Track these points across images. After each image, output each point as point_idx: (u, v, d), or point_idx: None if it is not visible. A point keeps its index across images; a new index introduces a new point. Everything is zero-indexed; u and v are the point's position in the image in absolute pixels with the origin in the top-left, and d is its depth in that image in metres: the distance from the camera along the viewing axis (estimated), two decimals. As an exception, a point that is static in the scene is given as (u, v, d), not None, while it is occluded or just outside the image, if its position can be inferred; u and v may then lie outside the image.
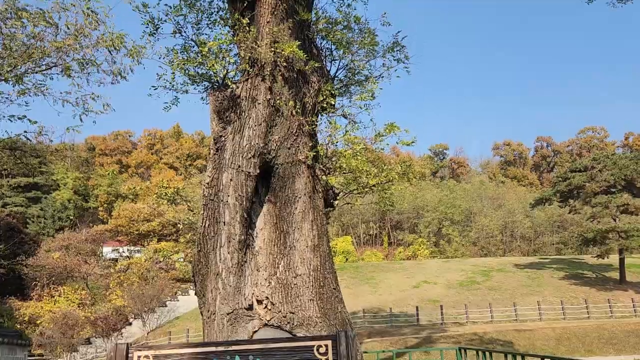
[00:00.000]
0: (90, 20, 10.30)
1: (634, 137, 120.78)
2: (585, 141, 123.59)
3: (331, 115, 9.94)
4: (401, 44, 10.49)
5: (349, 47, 9.98)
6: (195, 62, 8.62)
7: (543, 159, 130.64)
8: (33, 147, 22.07)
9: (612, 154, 50.99)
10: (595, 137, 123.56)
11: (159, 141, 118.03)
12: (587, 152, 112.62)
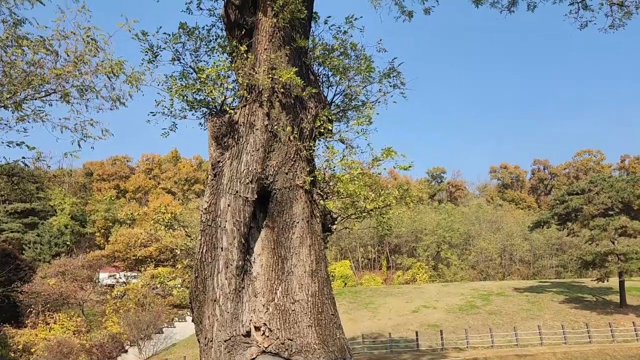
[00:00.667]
0: (90, 47, 10.42)
1: (630, 160, 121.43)
2: (581, 164, 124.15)
3: (328, 140, 10.00)
4: (397, 70, 10.63)
5: (346, 73, 10.10)
6: (193, 89, 8.71)
7: (540, 182, 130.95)
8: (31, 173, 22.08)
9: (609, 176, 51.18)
10: (591, 160, 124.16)
11: (156, 166, 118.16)
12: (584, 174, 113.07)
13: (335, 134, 10.06)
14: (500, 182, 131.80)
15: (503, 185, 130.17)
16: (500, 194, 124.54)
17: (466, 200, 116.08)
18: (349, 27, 10.24)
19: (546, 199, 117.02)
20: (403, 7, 15.96)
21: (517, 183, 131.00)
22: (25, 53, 10.27)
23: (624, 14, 12.80)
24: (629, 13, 12.63)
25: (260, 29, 8.86)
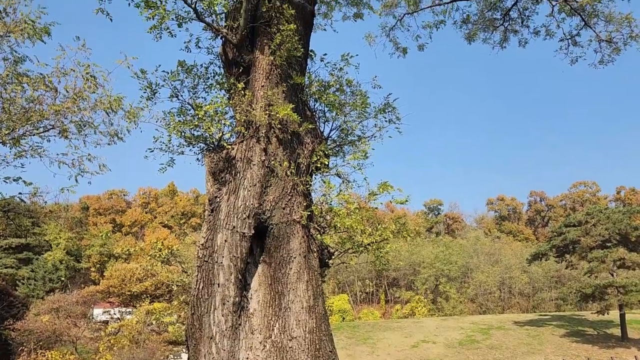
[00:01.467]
0: (90, 84, 10.57)
1: (626, 191, 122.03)
2: (577, 195, 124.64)
3: (325, 174, 10.07)
4: (392, 105, 10.77)
5: (342, 108, 10.24)
6: (191, 125, 8.80)
7: (537, 214, 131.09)
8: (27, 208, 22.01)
9: (605, 208, 51.34)
10: (587, 192, 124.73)
11: (153, 200, 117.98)
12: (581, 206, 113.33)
13: (332, 169, 10.14)
14: (497, 214, 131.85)
15: (500, 217, 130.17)
16: (498, 226, 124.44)
17: (464, 233, 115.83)
18: (345, 64, 10.43)
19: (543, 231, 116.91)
20: (397, 44, 16.35)
21: (514, 215, 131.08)
22: (24, 90, 10.40)
23: (612, 50, 13.13)
24: (618, 49, 12.95)
25: (258, 67, 9.03)
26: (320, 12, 13.53)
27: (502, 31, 16.22)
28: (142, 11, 8.15)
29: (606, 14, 13.09)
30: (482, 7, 16.10)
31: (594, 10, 13.14)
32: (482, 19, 16.26)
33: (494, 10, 15.99)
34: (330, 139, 10.56)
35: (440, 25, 15.85)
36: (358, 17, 14.75)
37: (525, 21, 15.59)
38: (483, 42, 16.72)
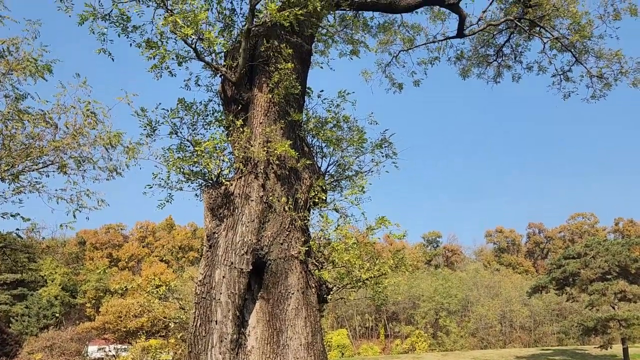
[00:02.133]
0: (90, 120, 10.68)
1: (624, 223, 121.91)
2: (576, 227, 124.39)
3: (323, 209, 10.12)
4: (389, 141, 10.93)
5: (339, 144, 10.38)
6: (190, 161, 8.90)
7: (536, 246, 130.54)
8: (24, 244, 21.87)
9: (604, 240, 51.18)
10: (585, 223, 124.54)
11: (150, 234, 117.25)
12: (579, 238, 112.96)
13: (330, 204, 10.20)
14: (496, 246, 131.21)
15: (499, 249, 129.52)
16: (497, 258, 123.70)
17: (463, 265, 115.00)
18: (342, 100, 10.62)
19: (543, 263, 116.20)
20: (393, 80, 16.66)
21: (513, 247, 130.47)
22: (25, 126, 10.50)
23: (604, 85, 13.39)
24: (609, 85, 13.21)
25: (256, 104, 9.20)
26: (318, 49, 13.83)
27: (495, 67, 16.57)
28: (143, 51, 8.34)
29: (596, 51, 13.41)
30: (475, 43, 16.48)
31: (584, 47, 13.46)
32: (475, 55, 16.63)
33: (487, 46, 16.37)
34: (328, 174, 10.66)
35: (435, 61, 16.20)
36: (354, 54, 15.06)
37: (518, 57, 15.95)
38: (477, 77, 17.05)
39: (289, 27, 8.90)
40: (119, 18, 8.73)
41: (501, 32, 15.70)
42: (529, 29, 14.12)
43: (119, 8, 8.48)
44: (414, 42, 15.91)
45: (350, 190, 10.07)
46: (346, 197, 10.14)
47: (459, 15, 12.87)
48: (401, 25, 15.81)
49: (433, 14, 15.66)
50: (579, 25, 12.76)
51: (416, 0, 11.69)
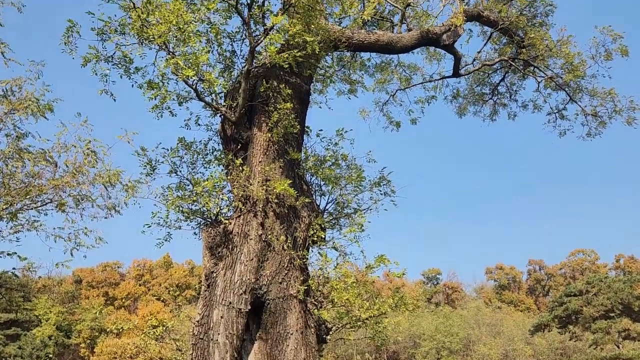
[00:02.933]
0: (90, 159, 10.74)
1: (625, 259, 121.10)
2: (576, 263, 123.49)
3: (322, 247, 10.08)
4: (387, 179, 11.00)
5: (338, 182, 10.43)
6: (189, 200, 8.92)
7: (537, 283, 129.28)
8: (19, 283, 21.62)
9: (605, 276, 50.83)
10: (586, 260, 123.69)
11: (147, 272, 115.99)
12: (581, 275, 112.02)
13: (329, 242, 10.17)
14: (497, 283, 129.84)
15: (500, 286, 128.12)
16: (498, 295, 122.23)
17: (464, 303, 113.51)
18: (340, 139, 10.75)
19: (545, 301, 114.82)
20: (390, 118, 16.88)
21: (514, 284, 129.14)
22: (25, 165, 10.55)
23: (599, 124, 13.58)
24: (604, 123, 13.40)
25: (255, 143, 9.30)
26: (316, 88, 14.06)
27: (491, 105, 16.83)
28: (145, 92, 8.49)
29: (590, 90, 13.65)
30: (471, 82, 16.79)
31: (578, 86, 13.71)
32: (471, 93, 16.91)
33: (482, 85, 16.67)
34: (327, 212, 10.68)
35: (432, 100, 16.45)
36: (352, 92, 15.32)
37: (513, 95, 16.22)
38: (473, 115, 17.29)
39: (288, 68, 9.09)
40: (122, 60, 8.92)
41: (496, 72, 16.02)
42: (523, 68, 14.41)
43: (122, 51, 8.67)
44: (410, 81, 16.21)
45: (349, 228, 10.06)
46: (345, 235, 10.13)
47: (454, 56, 13.15)
48: (398, 65, 16.14)
49: (429, 54, 16.00)
50: (572, 65, 13.03)
51: (412, 42, 11.95)
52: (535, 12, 14.01)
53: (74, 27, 8.69)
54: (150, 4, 7.96)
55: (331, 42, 10.50)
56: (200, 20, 9.30)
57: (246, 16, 9.05)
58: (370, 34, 11.73)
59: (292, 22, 8.51)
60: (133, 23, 8.08)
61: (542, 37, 13.00)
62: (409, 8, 12.32)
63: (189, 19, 8.08)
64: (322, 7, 10.96)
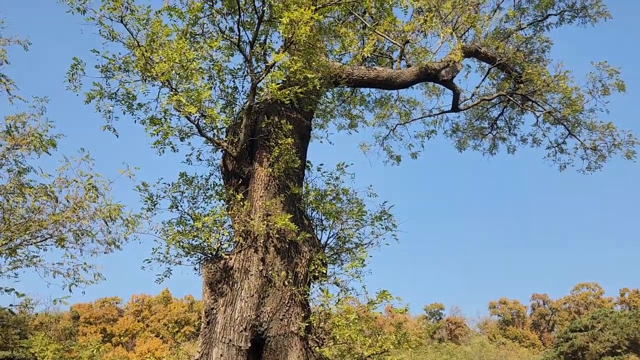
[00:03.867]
0: (91, 194, 10.74)
1: (630, 294, 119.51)
2: (581, 298, 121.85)
3: (323, 283, 9.97)
4: (388, 213, 10.95)
5: (339, 216, 10.39)
6: (190, 235, 8.89)
7: (542, 318, 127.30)
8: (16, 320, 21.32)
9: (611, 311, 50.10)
10: (590, 294, 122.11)
11: (146, 307, 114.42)
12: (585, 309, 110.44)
13: (330, 277, 10.07)
14: (500, 318, 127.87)
15: (504, 321, 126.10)
16: (502, 331, 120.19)
17: (467, 339, 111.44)
18: (341, 173, 10.77)
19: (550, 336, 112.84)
20: (391, 152, 16.98)
21: (518, 319, 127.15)
22: (26, 200, 10.55)
23: (598, 157, 13.64)
24: (603, 156, 13.46)
25: (256, 178, 9.32)
26: (317, 123, 14.19)
27: (490, 139, 16.96)
28: (147, 127, 8.56)
29: (588, 124, 13.77)
30: (470, 117, 16.96)
31: (576, 120, 13.84)
32: (470, 127, 17.06)
33: (481, 119, 16.83)
34: (328, 246, 10.60)
35: (432, 134, 16.58)
36: (352, 127, 15.45)
37: (512, 130, 16.37)
38: (473, 149, 17.40)
39: (289, 104, 9.20)
40: (125, 96, 9.03)
41: (495, 106, 16.21)
42: (522, 103, 14.58)
43: (125, 88, 8.79)
44: (410, 115, 16.37)
45: (350, 263, 9.96)
46: (346, 270, 10.03)
47: (453, 91, 13.32)
48: (397, 100, 16.33)
49: (428, 89, 16.23)
50: (570, 99, 13.19)
51: (411, 78, 12.13)
52: (532, 48, 14.29)
53: (79, 64, 8.84)
54: (154, 43, 8.12)
55: (332, 78, 10.66)
56: (203, 58, 9.48)
57: (248, 54, 9.22)
58: (370, 70, 11.91)
59: (293, 59, 8.65)
60: (137, 61, 8.22)
61: (539, 72, 13.21)
62: (408, 45, 12.53)
63: (192, 57, 8.23)
64: (323, 45, 11.18)
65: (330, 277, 10.11)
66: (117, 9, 8.22)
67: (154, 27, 8.27)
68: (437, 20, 11.99)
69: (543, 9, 14.28)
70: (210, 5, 9.37)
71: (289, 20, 8.04)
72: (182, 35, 9.25)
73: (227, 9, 9.43)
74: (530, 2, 14.50)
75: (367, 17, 12.56)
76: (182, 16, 9.48)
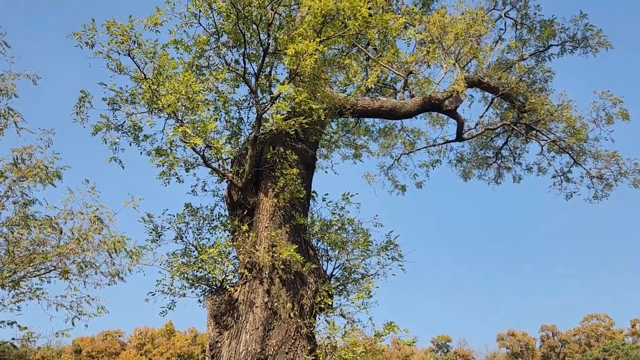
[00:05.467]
0: (96, 226, 10.71)
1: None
2: (591, 329, 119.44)
3: (329, 315, 9.82)
4: (394, 243, 10.85)
5: (344, 247, 10.31)
6: (194, 267, 8.81)
7: (551, 350, 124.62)
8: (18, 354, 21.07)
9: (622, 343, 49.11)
10: (600, 325, 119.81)
11: (149, 340, 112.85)
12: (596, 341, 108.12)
13: (336, 309, 9.91)
14: (509, 351, 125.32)
15: (513, 354, 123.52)
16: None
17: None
18: (346, 203, 10.73)
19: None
20: (396, 182, 16.96)
21: (527, 352, 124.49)
22: (30, 232, 10.52)
23: (605, 186, 13.56)
24: (609, 185, 13.38)
25: (262, 208, 9.29)
26: (322, 153, 14.24)
27: (495, 168, 16.93)
28: (153, 159, 8.59)
29: (593, 152, 13.75)
30: (474, 146, 16.99)
31: (581, 149, 13.82)
32: (475, 157, 17.07)
33: (486, 149, 16.85)
34: (334, 277, 10.49)
35: (436, 164, 16.59)
36: (357, 157, 15.49)
37: (517, 159, 16.36)
38: (478, 179, 17.36)
39: (294, 134, 9.24)
40: (131, 128, 9.10)
41: (499, 135, 16.25)
42: (526, 132, 14.61)
43: (132, 120, 8.86)
44: (414, 145, 16.42)
45: (356, 294, 9.82)
46: (353, 301, 9.89)
47: (457, 120, 13.38)
48: (402, 129, 16.42)
49: (432, 119, 16.31)
50: (574, 128, 13.21)
51: (415, 108, 12.20)
52: (534, 78, 14.41)
53: (86, 97, 8.94)
54: (160, 75, 8.23)
55: (336, 109, 10.73)
56: (209, 90, 9.59)
57: (253, 85, 9.32)
58: (374, 100, 12.00)
59: (298, 90, 8.73)
60: (144, 93, 8.32)
61: (542, 102, 13.28)
62: (411, 75, 12.66)
63: (198, 89, 8.32)
64: (327, 76, 11.31)
65: (337, 309, 9.96)
66: (125, 42, 8.35)
67: (161, 60, 8.40)
68: (440, 51, 12.13)
69: (544, 39, 14.45)
70: (217, 38, 9.52)
71: (294, 52, 8.14)
72: (189, 67, 9.38)
73: (233, 42, 9.59)
74: (531, 33, 14.70)
75: (371, 49, 12.74)
76: (188, 49, 9.65)
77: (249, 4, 8.51)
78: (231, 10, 8.66)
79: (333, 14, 8.67)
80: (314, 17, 8.51)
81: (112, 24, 8.25)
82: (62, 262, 10.74)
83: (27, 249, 10.54)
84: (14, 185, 10.58)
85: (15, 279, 10.44)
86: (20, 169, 10.51)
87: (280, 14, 9.61)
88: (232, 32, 9.25)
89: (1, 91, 10.33)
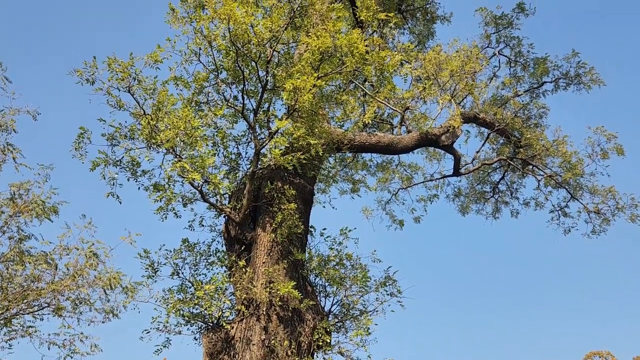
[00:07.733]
0: (91, 262, 10.58)
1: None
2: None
3: (327, 352, 9.63)
4: (393, 278, 10.73)
5: (342, 282, 10.19)
6: (191, 303, 8.68)
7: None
8: (7, 396, 20.45)
9: (626, 381, 48.03)
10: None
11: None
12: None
13: (334, 346, 9.73)
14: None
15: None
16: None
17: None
18: (344, 238, 10.66)
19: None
20: (394, 217, 16.92)
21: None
22: (25, 268, 10.38)
23: (602, 221, 13.56)
24: (607, 220, 13.39)
25: (259, 244, 9.23)
26: (319, 188, 14.25)
27: (493, 203, 16.93)
28: (150, 194, 8.58)
29: (590, 187, 13.79)
30: (471, 181, 17.03)
31: (578, 184, 13.86)
32: (472, 192, 17.09)
33: (483, 183, 16.89)
34: (332, 314, 10.33)
35: (434, 199, 16.60)
36: (355, 192, 15.51)
37: (514, 194, 16.38)
38: (476, 214, 17.33)
39: (292, 169, 9.26)
40: (130, 164, 9.11)
41: (496, 170, 16.31)
42: (522, 167, 14.68)
43: (130, 155, 8.89)
44: (412, 180, 16.47)
45: (355, 331, 9.66)
46: (351, 339, 9.72)
47: (453, 155, 13.46)
48: (399, 164, 16.49)
49: (429, 154, 16.41)
50: (570, 163, 13.29)
51: (412, 143, 12.30)
52: (529, 114, 14.57)
53: (85, 132, 8.99)
54: (160, 111, 8.30)
55: (334, 144, 10.80)
56: (207, 125, 9.66)
57: (252, 121, 9.39)
58: (371, 135, 12.10)
59: (296, 126, 8.80)
60: (143, 129, 8.37)
61: (538, 137, 13.39)
62: (408, 111, 12.81)
63: (197, 124, 8.38)
64: (325, 112, 11.44)
65: (335, 347, 9.77)
66: (125, 79, 8.46)
67: (161, 96, 8.49)
68: (436, 87, 12.30)
69: (538, 77, 14.68)
70: (216, 75, 9.65)
71: (293, 87, 8.25)
72: (188, 103, 9.47)
73: (232, 79, 9.71)
74: (525, 70, 14.96)
75: (368, 85, 12.92)
76: (188, 86, 9.77)
77: (248, 42, 8.65)
78: (231, 48, 8.81)
79: (331, 51, 8.82)
80: (312, 54, 8.67)
81: (113, 61, 8.37)
82: (57, 298, 10.56)
83: (20, 285, 10.37)
84: (10, 220, 10.51)
85: (7, 316, 10.24)
86: (17, 204, 10.47)
87: (278, 52, 9.78)
88: (231, 69, 9.39)
89: (1, 127, 10.39)
